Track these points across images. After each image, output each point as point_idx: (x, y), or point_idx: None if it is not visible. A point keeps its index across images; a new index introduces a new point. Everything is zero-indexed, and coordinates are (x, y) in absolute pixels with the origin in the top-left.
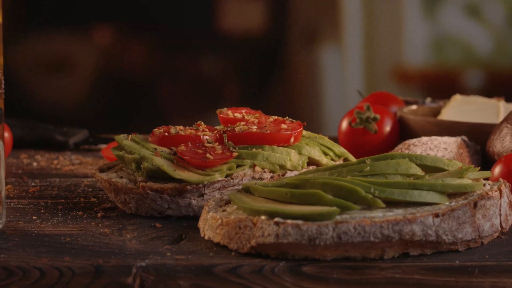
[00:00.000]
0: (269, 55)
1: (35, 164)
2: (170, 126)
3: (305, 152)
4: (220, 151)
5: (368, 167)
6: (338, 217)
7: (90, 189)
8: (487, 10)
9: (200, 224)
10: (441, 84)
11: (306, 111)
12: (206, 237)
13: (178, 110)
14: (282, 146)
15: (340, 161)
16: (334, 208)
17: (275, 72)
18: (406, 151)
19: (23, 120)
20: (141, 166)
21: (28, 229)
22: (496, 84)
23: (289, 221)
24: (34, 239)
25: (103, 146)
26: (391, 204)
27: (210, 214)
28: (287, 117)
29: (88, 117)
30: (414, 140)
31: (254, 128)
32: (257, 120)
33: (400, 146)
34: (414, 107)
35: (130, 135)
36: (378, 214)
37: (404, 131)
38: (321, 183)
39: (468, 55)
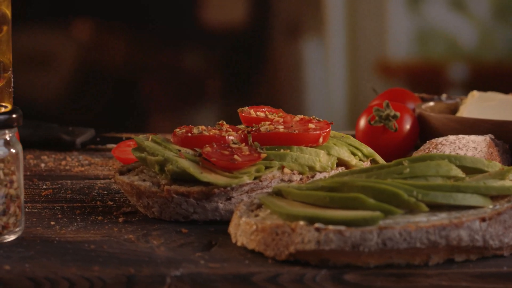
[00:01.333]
0: (252, 49)
1: (42, 165)
2: (191, 126)
3: (334, 153)
4: (247, 152)
5: (408, 169)
6: (381, 222)
7: (105, 192)
8: (471, 3)
9: (231, 229)
10: (426, 78)
11: (289, 105)
12: (239, 244)
13: (160, 105)
14: (310, 147)
15: (368, 162)
16: (378, 212)
17: (258, 66)
18: (434, 151)
19: (25, 119)
20: (165, 168)
21: (48, 235)
22: (481, 77)
23: (330, 227)
24: (56, 246)
25: (111, 145)
26: (433, 207)
27: (243, 219)
28: (314, 116)
29: (70, 113)
30: (441, 139)
31: (281, 128)
32: (282, 119)
33: (427, 145)
34: (431, 103)
35: (150, 136)
36: (422, 219)
37: (424, 129)
38: (360, 186)
39: (453, 49)
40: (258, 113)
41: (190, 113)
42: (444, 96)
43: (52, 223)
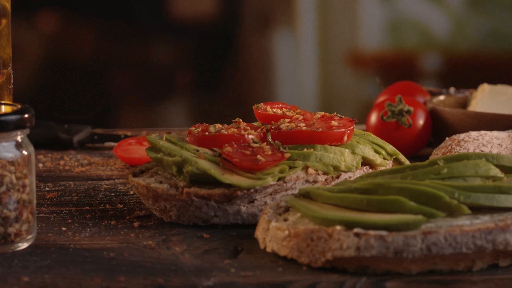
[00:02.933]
0: (221, 41)
1: (40, 165)
2: (205, 124)
3: (359, 152)
4: (269, 152)
5: (446, 169)
6: (423, 227)
7: (112, 194)
8: None
9: (259, 234)
10: (399, 69)
11: (260, 97)
12: (268, 250)
13: (129, 98)
14: (334, 146)
15: (391, 161)
16: (420, 216)
17: (228, 58)
18: (457, 148)
19: None
20: (183, 169)
21: (62, 242)
22: (454, 68)
23: (371, 232)
24: (73, 254)
25: (109, 144)
26: (473, 209)
27: (273, 224)
28: (335, 113)
29: (38, 107)
30: (462, 136)
31: (303, 125)
32: (302, 117)
33: (448, 142)
34: (441, 97)
35: (164, 135)
36: (465, 222)
37: (438, 124)
38: (398, 188)
39: (426, 39)
40: (274, 110)
41: (159, 106)
42: (452, 89)
43: (64, 228)
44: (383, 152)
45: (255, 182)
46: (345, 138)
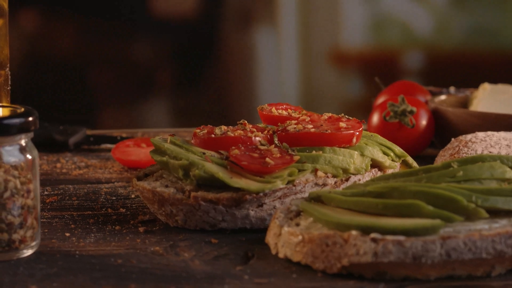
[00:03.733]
0: (203, 38)
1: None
2: (209, 126)
3: (368, 154)
4: (278, 155)
5: (461, 172)
6: (440, 231)
7: (113, 198)
8: None
9: (270, 239)
10: (381, 67)
11: (242, 95)
12: (281, 255)
13: (111, 96)
14: (343, 148)
15: (399, 163)
16: (438, 220)
17: (209, 55)
18: (465, 149)
19: None
20: (190, 173)
21: (67, 249)
22: (437, 65)
23: (388, 237)
24: (80, 261)
25: (106, 146)
26: (490, 213)
27: (285, 229)
28: (343, 114)
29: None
30: (469, 136)
31: (310, 127)
32: (308, 118)
33: (455, 143)
34: (443, 97)
35: (168, 137)
36: (483, 226)
37: (441, 124)
38: (413, 192)
39: (408, 37)
40: (279, 111)
41: (140, 104)
42: (452, 88)
43: (67, 234)
44: (392, 154)
45: (265, 186)
46: (354, 140)
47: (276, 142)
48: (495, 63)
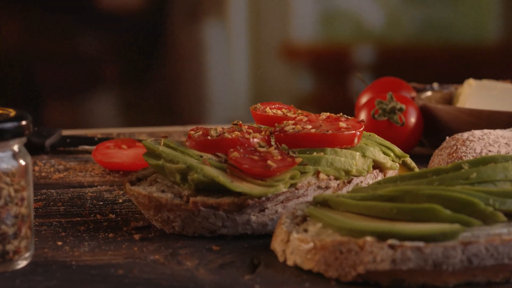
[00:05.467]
0: (150, 32)
1: None
2: (203, 127)
3: (369, 155)
4: (279, 157)
5: (475, 174)
6: (460, 236)
7: (100, 203)
8: None
9: (277, 246)
10: (332, 61)
11: (191, 90)
12: (289, 263)
13: (57, 91)
14: (344, 149)
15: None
16: (457, 225)
17: (157, 50)
18: (463, 148)
19: None
20: (188, 177)
21: (62, 259)
22: (388, 59)
23: (407, 243)
24: (78, 272)
25: (85, 147)
26: (506, 216)
27: (294, 235)
28: (341, 113)
29: None
30: (466, 135)
31: (309, 127)
32: (306, 118)
33: (452, 142)
34: (429, 93)
35: (161, 139)
36: (502, 230)
37: (430, 122)
38: (427, 195)
39: (359, 31)
40: (274, 111)
41: (86, 99)
42: (435, 85)
43: (59, 243)
44: (392, 155)
45: (267, 190)
46: (356, 140)
47: (273, 144)
48: (446, 57)
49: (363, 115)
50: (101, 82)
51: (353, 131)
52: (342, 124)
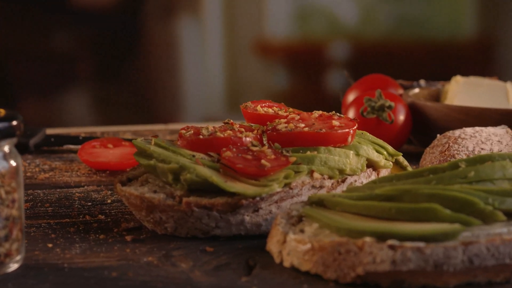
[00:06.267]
0: (125, 28)
1: None
2: (193, 126)
3: (363, 153)
4: (272, 156)
5: (473, 172)
6: (460, 236)
7: (89, 203)
8: None
9: (272, 247)
10: (307, 57)
11: (166, 87)
12: (286, 264)
13: (30, 87)
14: (338, 147)
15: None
16: (458, 225)
17: (131, 46)
18: (455, 146)
19: None
20: (181, 177)
21: (53, 261)
22: (363, 55)
23: (407, 243)
24: (71, 275)
25: (69, 147)
26: (505, 215)
27: (291, 236)
28: (334, 112)
29: None
30: (458, 132)
31: (302, 125)
32: (298, 117)
33: (444, 140)
34: (416, 90)
35: (152, 139)
36: (502, 230)
37: (419, 119)
38: (426, 195)
39: (334, 27)
40: (265, 109)
41: (60, 96)
42: (422, 82)
43: (50, 245)
44: (385, 153)
45: (262, 190)
46: (349, 139)
47: (265, 143)
48: (422, 53)
49: (351, 113)
50: (75, 79)
51: (347, 130)
52: (335, 123)
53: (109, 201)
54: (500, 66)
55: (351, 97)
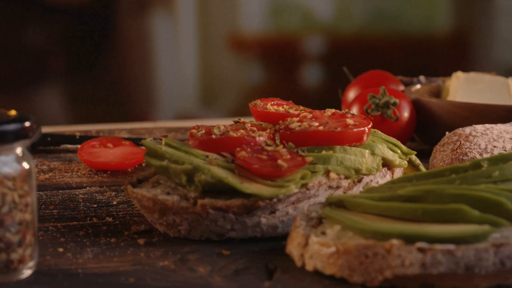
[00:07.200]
0: (97, 23)
1: None
2: (203, 125)
3: (378, 152)
4: (288, 156)
5: (497, 172)
6: (489, 238)
7: (94, 205)
8: None
9: (293, 250)
10: (281, 52)
11: (139, 83)
12: (309, 268)
13: (1, 84)
14: (353, 146)
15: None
16: (487, 226)
17: (104, 41)
18: (467, 143)
19: None
20: (195, 178)
21: (66, 267)
22: (338, 49)
23: (437, 246)
24: (86, 281)
25: (66, 146)
26: None
27: (314, 239)
28: (346, 110)
29: None
30: (468, 130)
31: (316, 124)
32: (311, 115)
33: (455, 137)
34: (418, 87)
35: (162, 139)
36: None
37: (422, 116)
38: (452, 195)
39: (309, 21)
40: (275, 108)
41: (32, 92)
42: (422, 77)
43: (60, 249)
44: (399, 152)
45: (278, 191)
46: (365, 137)
47: (278, 142)
48: (397, 48)
49: (354, 110)
50: (47, 74)
51: (363, 128)
52: (349, 121)
53: (114, 202)
54: (475, 60)
55: (351, 93)
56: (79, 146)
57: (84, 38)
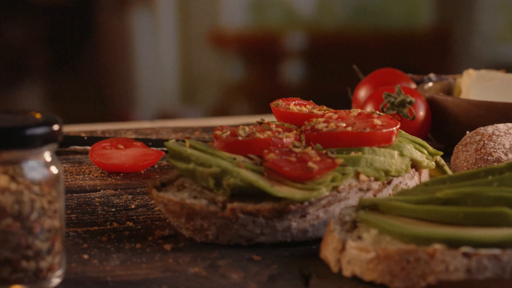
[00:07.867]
0: (77, 20)
1: None
2: (225, 126)
3: (407, 153)
4: (317, 158)
5: None
6: None
7: (113, 209)
8: None
9: (329, 255)
10: (263, 48)
11: (120, 79)
12: (346, 273)
13: None
14: (382, 147)
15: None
16: None
17: (85, 38)
18: (491, 143)
19: None
20: (223, 182)
21: (94, 274)
22: (319, 45)
23: (482, 251)
24: None
25: (76, 147)
26: None
27: (352, 244)
28: (372, 109)
29: None
30: (490, 129)
31: (343, 125)
32: (336, 115)
33: (477, 137)
34: (430, 84)
35: (186, 141)
36: None
37: (437, 115)
38: (492, 198)
39: (290, 17)
40: (298, 108)
41: (11, 89)
42: (432, 75)
43: (85, 256)
44: (425, 152)
45: (310, 194)
46: (394, 138)
47: (304, 143)
48: (379, 43)
49: (369, 109)
50: (27, 71)
51: (391, 129)
52: (377, 121)
53: (133, 206)
54: (456, 56)
55: (362, 92)
56: (87, 147)
57: (64, 35)
